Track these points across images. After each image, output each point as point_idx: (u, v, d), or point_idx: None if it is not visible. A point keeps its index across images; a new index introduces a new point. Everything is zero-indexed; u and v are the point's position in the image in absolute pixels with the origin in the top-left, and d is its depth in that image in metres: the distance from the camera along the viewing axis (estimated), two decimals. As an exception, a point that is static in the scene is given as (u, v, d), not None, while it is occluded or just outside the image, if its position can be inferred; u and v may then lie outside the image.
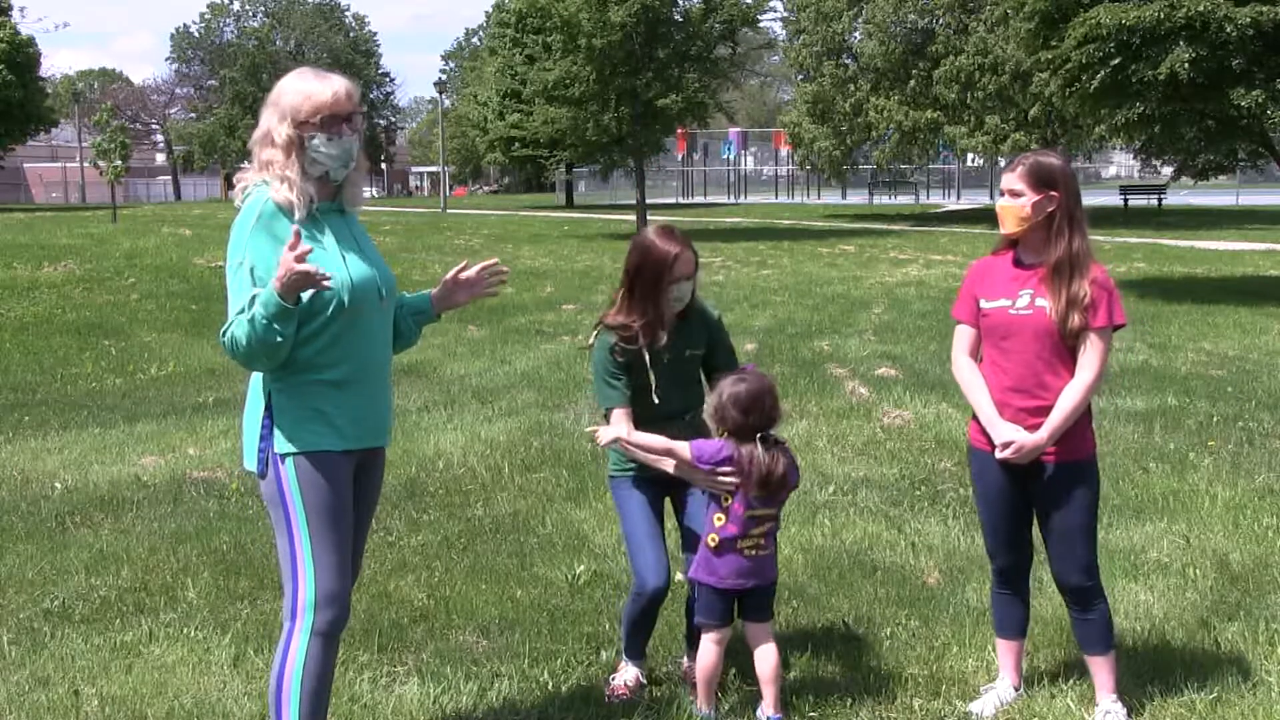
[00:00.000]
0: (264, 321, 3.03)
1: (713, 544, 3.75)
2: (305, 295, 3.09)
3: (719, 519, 3.75)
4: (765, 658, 3.80)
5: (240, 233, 3.16)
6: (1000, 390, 3.79)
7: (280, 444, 3.20)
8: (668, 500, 4.13)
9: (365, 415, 3.31)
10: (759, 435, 3.73)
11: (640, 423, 3.92)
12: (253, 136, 3.27)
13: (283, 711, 3.24)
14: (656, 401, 3.97)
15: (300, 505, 3.22)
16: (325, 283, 3.05)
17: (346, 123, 3.24)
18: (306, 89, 3.22)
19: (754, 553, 3.76)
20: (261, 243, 3.13)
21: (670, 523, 4.15)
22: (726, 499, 3.74)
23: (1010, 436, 3.71)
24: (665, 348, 3.98)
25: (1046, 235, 3.73)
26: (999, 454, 3.73)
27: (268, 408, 3.22)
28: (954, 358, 3.96)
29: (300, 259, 2.96)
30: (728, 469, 3.70)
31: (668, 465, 3.86)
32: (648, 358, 3.95)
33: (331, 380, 3.22)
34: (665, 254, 3.95)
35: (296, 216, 3.16)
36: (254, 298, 3.06)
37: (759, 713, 3.82)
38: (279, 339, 3.06)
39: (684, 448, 3.77)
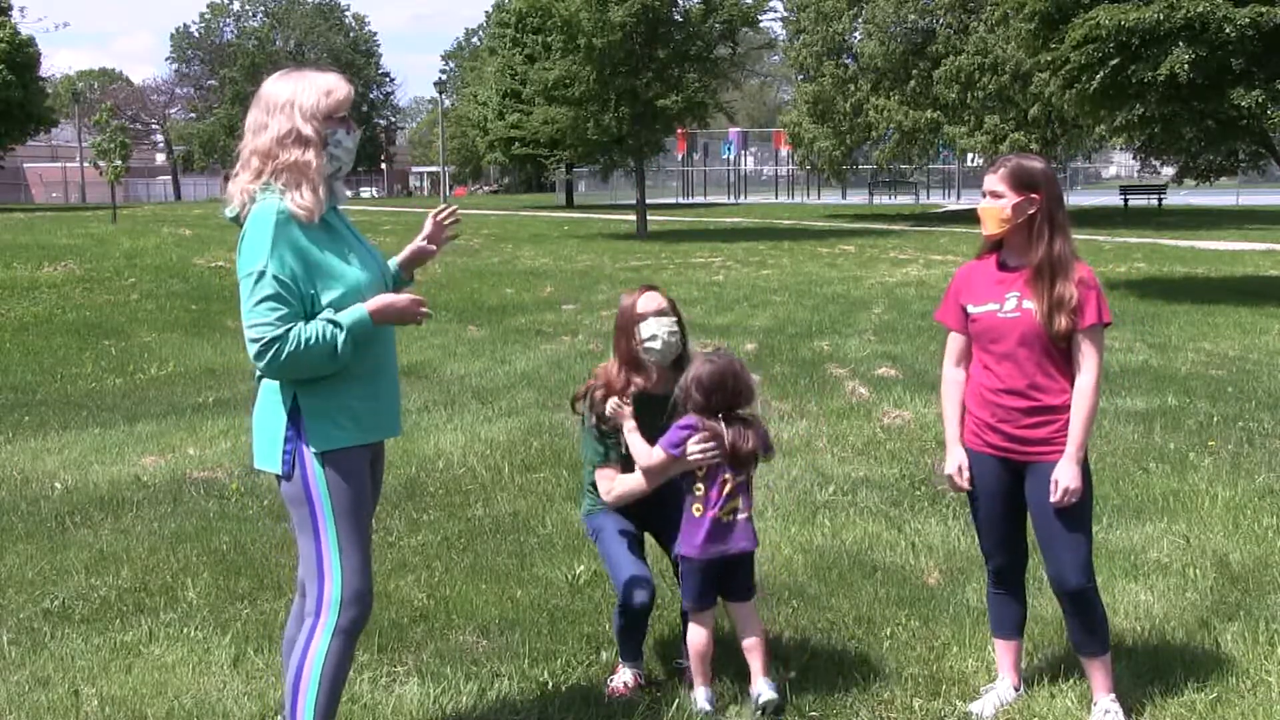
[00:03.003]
0: (349, 345, 3.13)
1: (697, 514, 3.85)
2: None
3: (698, 489, 3.87)
4: (749, 629, 3.90)
5: (259, 240, 3.10)
6: (992, 392, 3.80)
7: (313, 443, 3.19)
8: (647, 534, 4.25)
9: (384, 406, 3.34)
10: (723, 414, 3.85)
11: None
12: (256, 141, 3.17)
13: (298, 706, 3.27)
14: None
15: (328, 505, 3.22)
16: (423, 312, 3.28)
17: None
18: (323, 85, 3.21)
19: (731, 518, 3.86)
20: (283, 250, 3.10)
21: (655, 546, 4.26)
22: (701, 470, 3.84)
23: (960, 461, 3.87)
24: (656, 392, 4.02)
25: (1028, 237, 3.74)
26: (1056, 498, 3.71)
27: (294, 408, 3.20)
28: (943, 368, 4.02)
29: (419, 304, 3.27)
30: (702, 437, 3.80)
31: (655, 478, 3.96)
32: (627, 420, 3.98)
33: (357, 375, 3.24)
34: (630, 300, 4.13)
35: (316, 218, 3.16)
36: (333, 320, 3.12)
37: (751, 690, 3.85)
38: (347, 359, 3.16)
39: (658, 452, 3.87)
